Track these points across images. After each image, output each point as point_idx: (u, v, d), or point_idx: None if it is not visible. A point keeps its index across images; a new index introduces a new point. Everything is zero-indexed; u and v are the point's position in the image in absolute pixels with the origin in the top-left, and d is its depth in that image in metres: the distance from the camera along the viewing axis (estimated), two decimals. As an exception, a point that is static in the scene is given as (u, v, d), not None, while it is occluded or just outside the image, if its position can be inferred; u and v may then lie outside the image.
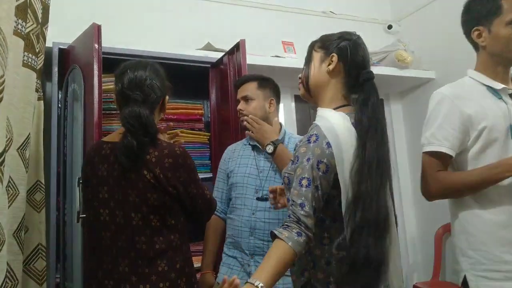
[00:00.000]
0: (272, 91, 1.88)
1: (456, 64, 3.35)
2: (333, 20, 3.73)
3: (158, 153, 1.37)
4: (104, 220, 1.37)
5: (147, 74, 1.44)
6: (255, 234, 1.70)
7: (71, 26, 2.30)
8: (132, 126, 1.34)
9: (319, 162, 1.14)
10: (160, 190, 1.35)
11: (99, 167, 1.39)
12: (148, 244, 1.34)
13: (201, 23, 3.15)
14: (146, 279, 1.31)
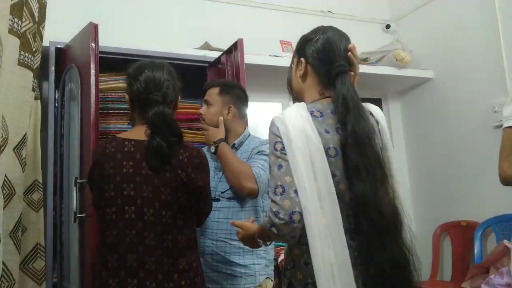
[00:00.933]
0: (234, 98, 1.87)
1: (454, 64, 3.37)
2: (331, 19, 3.72)
3: (188, 154, 1.40)
4: (129, 218, 1.34)
5: (164, 76, 1.45)
6: (206, 234, 1.72)
7: (68, 25, 2.29)
8: (159, 127, 1.36)
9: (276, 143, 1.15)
10: (189, 189, 1.38)
11: (123, 164, 1.37)
12: (174, 242, 1.36)
13: (199, 22, 3.15)
14: (170, 277, 1.33)
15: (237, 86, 1.99)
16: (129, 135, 1.44)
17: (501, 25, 2.97)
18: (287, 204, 1.07)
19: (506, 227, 2.86)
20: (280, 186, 1.10)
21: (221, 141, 1.73)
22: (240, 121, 1.88)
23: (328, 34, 1.29)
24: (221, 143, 1.72)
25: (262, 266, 1.67)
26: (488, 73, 3.07)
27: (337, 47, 1.25)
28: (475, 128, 3.17)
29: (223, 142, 1.73)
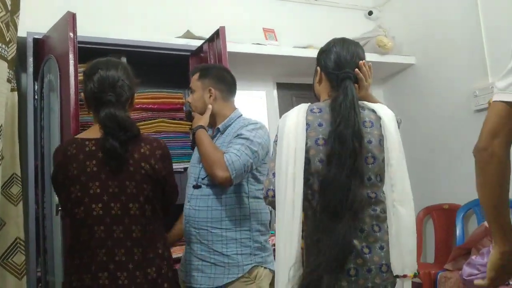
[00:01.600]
0: (214, 80, 1.81)
1: (435, 50, 3.40)
2: (314, 6, 3.72)
3: (149, 146, 1.46)
4: (97, 215, 1.39)
5: (119, 75, 1.48)
6: (190, 222, 1.70)
7: (45, 15, 2.24)
8: (111, 128, 1.40)
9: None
10: (154, 180, 1.44)
11: (86, 164, 1.41)
12: (142, 232, 1.42)
13: (180, 11, 3.11)
14: (140, 266, 1.39)
15: (216, 67, 1.94)
16: (88, 135, 1.48)
17: (481, 10, 3.00)
18: (266, 183, 1.40)
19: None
20: (267, 169, 1.42)
21: (198, 128, 1.69)
22: (225, 102, 1.81)
23: (337, 47, 1.51)
24: (198, 130, 1.68)
25: (246, 255, 1.63)
26: (468, 58, 3.10)
27: (343, 57, 1.48)
28: (456, 112, 3.22)
29: (200, 129, 1.68)
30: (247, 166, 1.57)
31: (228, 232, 1.62)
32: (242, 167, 1.55)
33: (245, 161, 1.56)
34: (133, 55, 2.50)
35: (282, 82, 3.65)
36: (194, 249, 1.67)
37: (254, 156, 1.60)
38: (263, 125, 1.72)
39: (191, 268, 1.67)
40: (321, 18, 3.70)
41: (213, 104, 1.78)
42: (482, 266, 2.36)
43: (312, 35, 3.48)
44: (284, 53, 3.16)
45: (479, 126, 2.94)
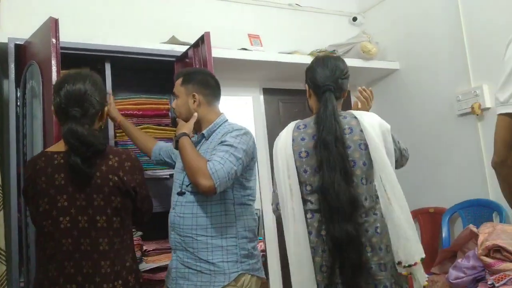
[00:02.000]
0: (198, 85, 1.78)
1: (419, 55, 3.45)
2: (299, 12, 3.74)
3: (118, 158, 1.48)
4: (65, 228, 1.40)
5: (86, 88, 1.47)
6: (175, 229, 1.68)
7: (27, 20, 2.22)
8: (73, 145, 1.40)
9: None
10: (123, 192, 1.45)
11: (54, 177, 1.42)
12: (110, 245, 1.43)
13: (165, 16, 3.10)
14: (108, 279, 1.40)
15: (200, 71, 1.91)
16: (57, 148, 1.49)
17: (463, 17, 3.05)
18: (273, 198, 1.69)
19: (472, 212, 2.96)
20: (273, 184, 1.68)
21: (182, 135, 1.65)
22: (209, 107, 1.79)
23: (318, 64, 1.68)
24: (182, 137, 1.64)
25: (233, 263, 1.60)
26: (451, 63, 3.15)
27: (324, 73, 1.65)
28: (440, 116, 3.26)
29: (184, 137, 1.65)
30: (231, 174, 1.54)
31: (213, 240, 1.60)
32: (226, 175, 1.52)
33: (228, 169, 1.53)
34: (117, 61, 2.48)
35: (268, 87, 3.66)
36: (180, 256, 1.65)
37: (239, 163, 1.58)
38: (248, 131, 1.71)
39: (177, 275, 1.65)
40: (306, 24, 3.73)
41: (197, 110, 1.75)
42: (468, 269, 2.38)
43: (298, 41, 3.51)
44: (269, 59, 3.17)
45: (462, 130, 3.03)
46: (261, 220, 3.44)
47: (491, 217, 2.82)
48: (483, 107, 2.89)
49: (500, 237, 2.33)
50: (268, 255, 3.37)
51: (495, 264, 2.25)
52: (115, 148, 1.56)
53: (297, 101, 3.79)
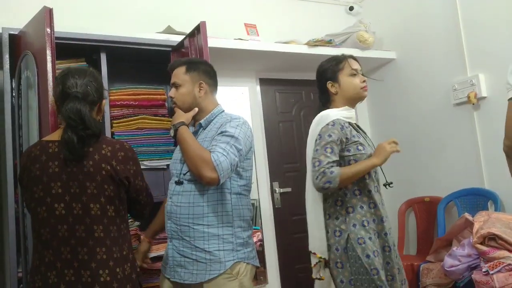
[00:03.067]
0: (203, 74, 1.77)
1: (416, 45, 3.44)
2: (295, 2, 3.72)
3: (111, 148, 1.50)
4: (59, 214, 1.43)
5: (87, 77, 1.53)
6: (171, 218, 1.68)
7: (21, 10, 2.19)
8: (74, 120, 1.42)
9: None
10: (116, 181, 1.47)
11: (49, 165, 1.45)
12: (105, 232, 1.45)
13: (161, 6, 3.08)
14: (105, 265, 1.43)
15: (203, 61, 1.89)
16: (52, 137, 1.53)
17: (459, 5, 3.05)
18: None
19: (467, 201, 2.99)
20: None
21: (180, 125, 1.64)
22: (210, 97, 1.79)
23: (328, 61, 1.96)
24: (181, 127, 1.63)
25: (228, 251, 1.61)
26: (447, 53, 3.15)
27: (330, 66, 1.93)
28: (436, 106, 3.27)
29: (183, 126, 1.64)
30: (233, 165, 1.55)
31: (210, 229, 1.61)
32: (229, 166, 1.52)
33: (231, 161, 1.53)
34: (113, 51, 2.46)
35: (264, 77, 3.66)
36: (176, 245, 1.66)
37: (240, 154, 1.58)
38: (245, 121, 1.71)
39: (173, 263, 1.66)
40: (302, 14, 3.71)
41: (201, 98, 1.75)
42: (463, 257, 2.41)
43: (294, 30, 3.50)
44: (266, 49, 3.16)
45: (458, 119, 3.05)
46: (258, 210, 3.45)
47: (486, 206, 2.85)
48: (479, 96, 2.90)
49: (495, 225, 2.36)
50: (265, 244, 3.39)
51: (490, 252, 2.27)
52: (109, 138, 1.57)
53: (293, 91, 3.79)
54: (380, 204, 1.81)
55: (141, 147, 2.51)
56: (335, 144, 1.74)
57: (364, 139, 1.87)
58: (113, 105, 2.50)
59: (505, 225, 2.37)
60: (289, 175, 3.60)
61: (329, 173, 1.68)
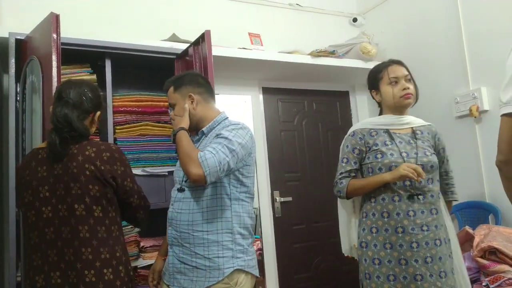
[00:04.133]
0: (189, 85, 1.77)
1: (418, 57, 3.45)
2: (299, 12, 3.75)
3: (96, 149, 1.53)
4: (47, 217, 1.47)
5: (82, 87, 1.59)
6: (172, 225, 1.69)
7: (28, 15, 2.22)
8: (60, 123, 1.49)
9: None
10: (101, 181, 1.49)
11: (37, 170, 1.51)
12: (91, 232, 1.47)
13: (166, 14, 3.11)
14: (91, 265, 1.44)
15: (187, 73, 1.90)
16: (43, 144, 1.60)
17: (463, 19, 3.07)
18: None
19: (467, 213, 2.98)
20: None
21: (180, 130, 1.65)
22: (208, 105, 1.78)
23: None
24: (179, 132, 1.65)
25: (228, 258, 1.60)
26: (450, 65, 3.17)
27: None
28: (438, 118, 3.25)
29: (182, 131, 1.65)
30: (223, 164, 1.52)
31: (209, 235, 1.61)
32: (217, 164, 1.50)
33: (220, 159, 1.51)
34: (117, 57, 2.48)
35: (267, 86, 3.68)
36: (176, 252, 1.66)
37: (232, 155, 1.56)
38: (245, 126, 1.70)
39: (173, 270, 1.66)
40: (306, 24, 3.74)
41: (196, 109, 1.75)
42: (463, 270, 2.39)
43: (298, 41, 3.52)
44: (269, 58, 3.18)
45: (460, 132, 3.04)
46: (259, 219, 3.45)
47: (487, 219, 2.84)
48: (481, 109, 2.91)
49: (495, 239, 2.35)
50: (264, 253, 3.38)
51: (490, 265, 2.26)
52: (96, 141, 1.60)
53: (296, 101, 3.80)
54: (400, 214, 1.72)
55: (143, 153, 2.52)
56: (351, 154, 1.85)
57: (396, 146, 1.79)
58: (117, 111, 2.51)
59: (506, 239, 2.36)
60: (290, 184, 3.60)
61: (339, 183, 1.84)
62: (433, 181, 1.80)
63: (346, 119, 3.96)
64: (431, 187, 1.77)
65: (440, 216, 1.78)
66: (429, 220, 1.73)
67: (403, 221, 1.72)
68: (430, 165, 1.77)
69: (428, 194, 1.76)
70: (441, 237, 1.74)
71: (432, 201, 1.76)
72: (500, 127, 1.35)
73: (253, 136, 1.71)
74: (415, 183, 1.73)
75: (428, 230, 1.72)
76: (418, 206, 1.73)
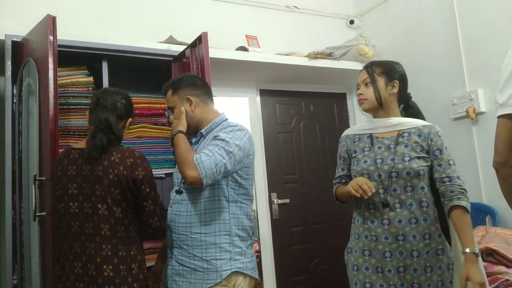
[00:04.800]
0: (187, 88, 1.78)
1: (415, 59, 3.46)
2: (296, 14, 3.76)
3: (120, 155, 1.64)
4: (73, 212, 1.62)
5: (118, 95, 1.76)
6: (170, 227, 1.70)
7: (25, 17, 2.22)
8: (102, 125, 1.65)
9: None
10: (122, 185, 1.60)
11: (68, 168, 1.65)
12: (112, 231, 1.60)
13: (163, 16, 3.10)
14: (109, 261, 1.57)
15: (184, 76, 1.89)
16: (77, 145, 1.75)
17: (459, 21, 3.08)
18: None
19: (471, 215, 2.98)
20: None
21: (177, 133, 1.65)
22: (206, 106, 1.78)
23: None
24: (177, 135, 1.65)
25: (226, 260, 1.60)
26: (447, 67, 3.17)
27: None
28: (435, 120, 3.22)
29: (179, 134, 1.65)
30: (219, 166, 1.52)
31: (207, 237, 1.61)
32: (213, 166, 1.50)
33: (217, 161, 1.51)
34: (114, 59, 2.48)
35: (265, 88, 3.68)
36: (175, 254, 1.66)
37: (229, 157, 1.56)
38: (243, 128, 1.70)
39: (172, 272, 1.66)
40: (303, 26, 3.74)
41: (194, 111, 1.75)
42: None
43: (295, 43, 3.53)
44: (266, 60, 3.18)
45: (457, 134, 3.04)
46: (256, 221, 3.44)
47: (484, 221, 2.85)
48: (477, 111, 2.91)
49: (493, 240, 2.35)
50: (262, 256, 3.38)
51: (488, 267, 2.26)
52: (122, 148, 1.70)
53: (293, 103, 3.80)
54: (374, 222, 1.67)
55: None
56: (339, 160, 1.87)
57: (373, 152, 1.72)
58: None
59: (503, 241, 2.36)
60: (288, 186, 3.60)
61: (333, 188, 1.88)
62: (414, 189, 1.64)
63: (344, 121, 3.96)
64: (409, 195, 1.64)
65: (428, 226, 1.63)
66: (406, 230, 1.61)
67: (377, 230, 1.65)
68: (406, 171, 1.63)
69: (406, 203, 1.63)
70: (428, 248, 1.61)
71: (411, 210, 1.63)
72: (496, 129, 1.36)
73: (252, 138, 1.71)
74: (388, 192, 1.64)
75: (404, 240, 1.61)
76: (394, 215, 1.63)
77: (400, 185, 1.64)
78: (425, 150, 1.71)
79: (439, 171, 1.67)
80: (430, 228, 1.63)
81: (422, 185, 1.65)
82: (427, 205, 1.65)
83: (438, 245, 1.63)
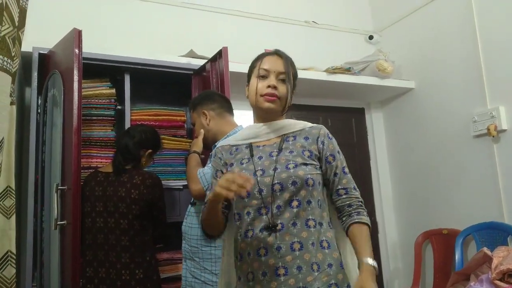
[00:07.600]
0: (203, 103, 1.88)
1: (434, 74, 3.44)
2: (315, 29, 3.78)
3: (141, 178, 2.04)
4: (99, 226, 1.97)
5: (145, 128, 2.20)
6: (185, 239, 1.77)
7: (51, 31, 2.28)
8: (120, 147, 2.11)
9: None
10: (142, 203, 1.98)
11: (95, 189, 2.03)
12: (131, 241, 1.95)
13: (184, 30, 3.16)
14: (127, 266, 1.91)
15: (203, 93, 2.06)
16: (103, 169, 2.12)
17: (479, 37, 3.05)
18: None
19: (486, 234, 2.91)
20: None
21: (191, 152, 1.82)
22: (222, 119, 1.84)
23: None
24: (190, 155, 1.81)
25: None
26: (467, 83, 3.14)
27: None
28: (455, 137, 3.24)
29: (192, 154, 1.80)
30: None
31: (217, 250, 1.62)
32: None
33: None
34: (136, 72, 2.53)
35: (283, 102, 3.68)
36: (189, 265, 1.69)
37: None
38: None
39: (186, 284, 1.68)
40: (322, 41, 3.76)
41: (209, 124, 1.81)
42: (480, 292, 2.33)
43: (314, 57, 3.54)
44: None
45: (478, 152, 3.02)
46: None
47: (506, 241, 2.78)
48: (499, 128, 2.87)
49: (515, 261, 2.29)
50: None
51: (510, 289, 2.20)
52: (143, 171, 2.09)
53: (311, 117, 3.80)
54: (250, 255, 1.28)
55: (158, 167, 2.55)
56: (217, 178, 1.40)
57: (252, 163, 1.35)
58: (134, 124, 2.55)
59: (525, 262, 2.30)
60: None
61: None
62: (301, 204, 1.27)
63: (362, 136, 3.94)
64: (295, 212, 1.26)
65: (322, 252, 1.25)
66: (287, 260, 1.22)
67: (253, 264, 1.26)
68: (292, 181, 1.27)
69: (289, 223, 1.25)
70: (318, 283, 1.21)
71: (295, 233, 1.24)
72: None
73: None
74: (271, 210, 1.26)
75: (286, 274, 1.21)
76: (273, 240, 1.23)
77: (285, 200, 1.26)
78: (314, 155, 1.38)
79: (334, 182, 1.36)
80: (319, 256, 1.24)
81: (309, 199, 1.29)
82: (314, 225, 1.27)
83: (330, 279, 1.22)
